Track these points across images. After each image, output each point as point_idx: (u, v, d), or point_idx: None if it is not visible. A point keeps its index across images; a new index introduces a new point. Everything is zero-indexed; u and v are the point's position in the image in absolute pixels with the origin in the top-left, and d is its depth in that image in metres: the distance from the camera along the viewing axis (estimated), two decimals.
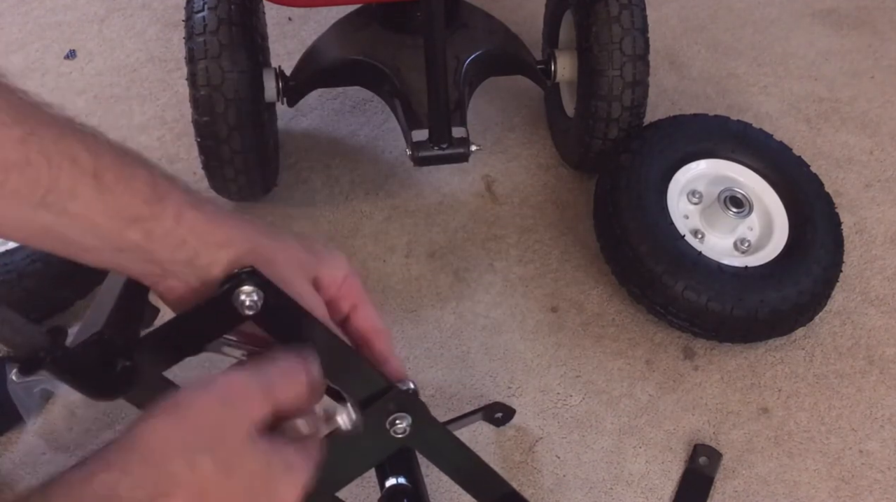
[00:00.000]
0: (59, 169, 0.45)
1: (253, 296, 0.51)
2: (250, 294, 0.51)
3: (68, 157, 0.45)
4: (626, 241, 1.20)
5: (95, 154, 0.46)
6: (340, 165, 1.48)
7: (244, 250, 0.51)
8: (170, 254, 0.49)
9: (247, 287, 0.51)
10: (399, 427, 0.61)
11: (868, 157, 1.51)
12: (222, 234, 0.51)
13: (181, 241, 0.49)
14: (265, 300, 0.51)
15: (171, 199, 0.49)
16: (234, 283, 0.51)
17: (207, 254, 0.50)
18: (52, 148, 0.44)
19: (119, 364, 0.52)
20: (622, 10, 1.27)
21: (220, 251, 0.51)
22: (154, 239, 0.48)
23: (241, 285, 0.51)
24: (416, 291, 1.30)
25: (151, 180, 0.48)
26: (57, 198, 0.45)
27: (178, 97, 1.58)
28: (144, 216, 0.48)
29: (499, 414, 1.12)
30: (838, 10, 1.82)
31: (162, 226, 0.48)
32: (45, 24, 1.74)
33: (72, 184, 0.45)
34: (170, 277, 0.51)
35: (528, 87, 1.49)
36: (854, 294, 1.30)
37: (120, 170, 0.47)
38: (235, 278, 0.51)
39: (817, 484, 1.10)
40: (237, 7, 1.22)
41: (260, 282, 0.51)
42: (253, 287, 0.51)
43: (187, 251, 0.50)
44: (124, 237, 0.47)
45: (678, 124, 1.33)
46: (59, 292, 1.19)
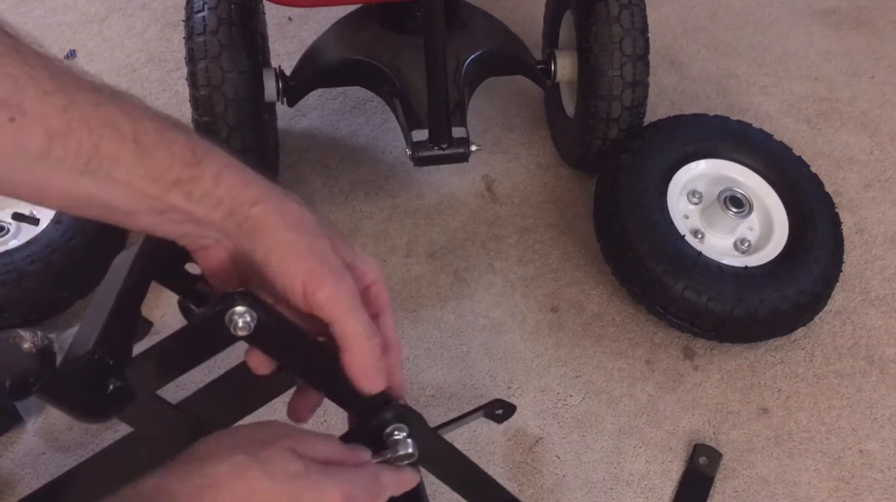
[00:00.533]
0: (101, 136, 0.45)
1: (245, 317, 0.50)
2: (243, 315, 0.50)
3: (109, 124, 0.46)
4: (626, 241, 1.20)
5: (135, 120, 0.47)
6: (340, 165, 1.48)
7: (276, 210, 0.52)
8: (207, 212, 0.50)
9: (239, 308, 0.50)
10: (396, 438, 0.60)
11: (868, 157, 1.51)
12: (255, 193, 0.51)
13: (218, 201, 0.50)
14: (259, 320, 0.51)
15: (210, 161, 0.50)
16: (227, 304, 0.50)
17: (242, 210, 0.51)
18: (92, 115, 0.45)
19: (111, 384, 0.52)
20: (622, 10, 1.27)
21: (255, 207, 0.51)
22: (193, 199, 0.49)
23: (233, 306, 0.50)
24: (416, 291, 1.30)
25: (190, 143, 0.49)
26: (99, 164, 0.46)
27: (178, 97, 1.58)
28: (184, 179, 0.48)
29: (499, 411, 1.12)
30: (838, 10, 1.82)
31: (201, 187, 0.49)
32: (45, 24, 1.75)
33: (113, 151, 0.46)
34: (206, 239, 0.52)
35: (528, 87, 1.49)
36: (854, 294, 1.30)
37: (160, 134, 0.48)
38: (228, 298, 0.50)
39: (817, 484, 1.10)
40: (237, 7, 1.22)
41: (252, 303, 0.51)
42: (245, 307, 0.50)
43: (223, 209, 0.50)
44: (165, 200, 0.48)
45: (678, 124, 1.33)
46: (59, 292, 1.19)
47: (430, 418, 1.13)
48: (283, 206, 0.52)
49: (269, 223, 0.51)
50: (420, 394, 1.18)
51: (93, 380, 0.51)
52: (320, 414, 1.07)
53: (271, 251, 0.51)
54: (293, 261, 0.51)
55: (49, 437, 1.10)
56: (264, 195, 0.52)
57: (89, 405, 0.51)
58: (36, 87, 0.43)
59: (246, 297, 0.51)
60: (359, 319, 0.53)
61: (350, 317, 0.53)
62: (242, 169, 0.52)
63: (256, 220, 0.51)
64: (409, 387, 1.19)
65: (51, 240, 1.18)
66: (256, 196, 0.51)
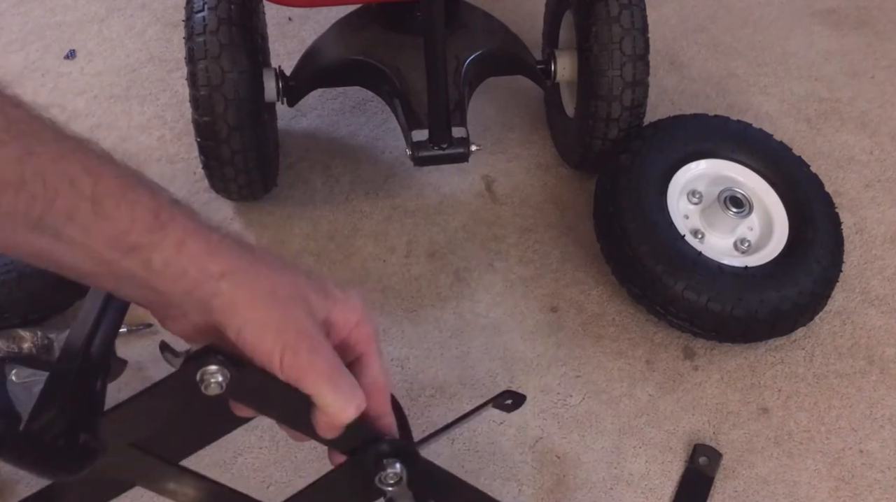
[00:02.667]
0: (56, 192, 0.42)
1: (217, 377, 0.49)
2: (215, 374, 0.49)
3: (66, 180, 0.43)
4: (626, 241, 1.20)
5: (96, 176, 0.44)
6: (340, 165, 1.48)
7: (245, 282, 0.49)
8: (170, 284, 0.47)
9: (211, 367, 0.48)
10: (390, 471, 0.58)
11: (868, 157, 1.51)
12: (223, 264, 0.48)
13: (182, 272, 0.47)
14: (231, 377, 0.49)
15: (174, 227, 0.47)
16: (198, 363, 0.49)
17: (208, 285, 0.48)
18: (49, 169, 0.42)
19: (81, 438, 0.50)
20: (622, 10, 1.27)
21: (222, 282, 0.48)
22: (153, 269, 0.46)
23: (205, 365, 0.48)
24: (416, 291, 1.30)
25: (155, 206, 0.46)
26: (53, 221, 0.43)
27: (178, 97, 1.58)
28: (143, 244, 0.46)
29: (509, 401, 1.12)
30: (838, 10, 1.82)
31: (161, 255, 0.46)
32: (45, 24, 1.74)
33: (69, 208, 0.43)
34: (172, 307, 0.49)
35: (528, 87, 1.49)
36: (854, 294, 1.30)
37: (122, 194, 0.45)
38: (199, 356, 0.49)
39: (817, 484, 1.10)
40: (237, 7, 1.22)
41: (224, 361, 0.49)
42: (218, 366, 0.49)
43: (187, 282, 0.47)
44: (122, 266, 0.46)
45: (678, 124, 1.33)
46: (58, 293, 1.19)
47: (431, 418, 1.13)
48: (254, 277, 0.49)
49: (238, 299, 0.48)
50: (420, 394, 1.18)
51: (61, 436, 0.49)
52: None
53: (243, 328, 0.48)
54: (267, 336, 0.49)
55: None
56: (232, 265, 0.48)
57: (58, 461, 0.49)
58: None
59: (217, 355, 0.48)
60: (336, 391, 0.51)
61: (327, 391, 0.51)
62: (208, 234, 0.48)
63: (224, 297, 0.48)
64: (409, 387, 1.19)
65: None
66: (223, 267, 0.48)
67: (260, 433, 1.11)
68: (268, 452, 1.10)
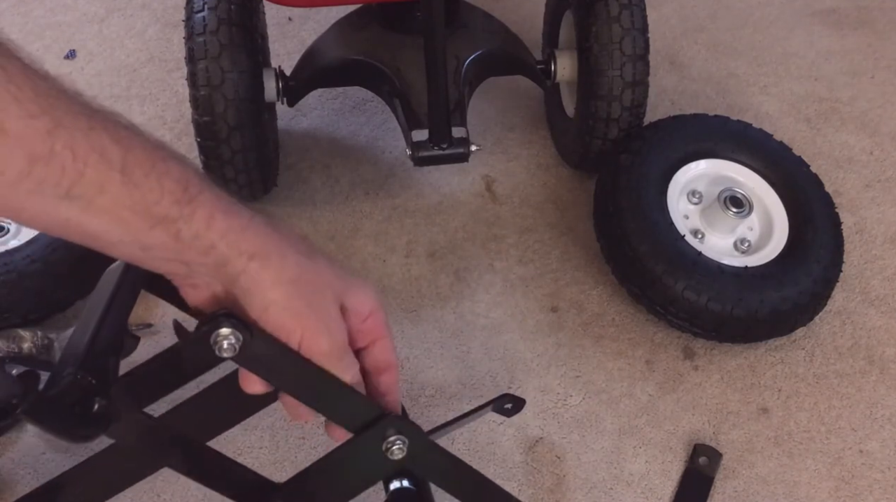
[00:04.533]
0: (86, 162, 0.43)
1: (231, 340, 0.50)
2: (228, 337, 0.50)
3: (96, 150, 0.44)
4: (626, 241, 1.20)
5: (126, 147, 0.45)
6: (340, 165, 1.48)
7: (273, 264, 0.50)
8: (198, 256, 0.48)
9: (224, 330, 0.50)
10: (395, 450, 0.60)
11: (868, 157, 1.51)
12: (254, 244, 0.49)
13: (210, 246, 0.48)
14: (244, 341, 0.50)
15: (203, 201, 0.47)
16: (212, 326, 0.50)
17: (238, 262, 0.49)
18: (79, 140, 0.43)
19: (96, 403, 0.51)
20: (622, 10, 1.27)
21: (252, 262, 0.49)
22: (182, 240, 0.47)
23: (218, 327, 0.50)
24: (416, 291, 1.30)
25: (184, 178, 0.47)
26: (83, 191, 0.43)
27: (178, 97, 1.58)
28: (173, 216, 0.46)
29: (509, 405, 1.12)
30: (838, 10, 1.82)
31: (191, 228, 0.47)
32: (45, 24, 1.74)
33: (99, 179, 0.44)
34: (195, 278, 0.50)
35: (528, 87, 1.49)
36: (854, 294, 1.30)
37: (151, 165, 0.46)
38: (213, 320, 0.50)
39: (817, 484, 1.10)
40: (237, 7, 1.22)
41: (237, 324, 0.50)
42: (231, 329, 0.50)
43: (216, 256, 0.48)
44: (151, 235, 0.46)
45: (678, 124, 1.33)
46: (59, 292, 1.19)
47: (431, 418, 1.13)
48: (282, 259, 0.51)
49: (265, 280, 0.50)
50: (420, 394, 1.18)
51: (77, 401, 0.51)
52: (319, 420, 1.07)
53: (268, 308, 0.50)
54: (290, 318, 0.51)
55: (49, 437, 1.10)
56: (262, 245, 0.50)
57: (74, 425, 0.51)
58: (19, 108, 0.41)
59: (231, 319, 0.50)
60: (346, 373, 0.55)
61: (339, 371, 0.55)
62: (239, 211, 0.50)
63: (252, 277, 0.49)
64: (409, 387, 1.19)
65: (51, 240, 1.18)
66: (254, 247, 0.49)
67: (260, 433, 1.11)
68: (268, 452, 1.10)
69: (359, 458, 0.61)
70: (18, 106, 0.41)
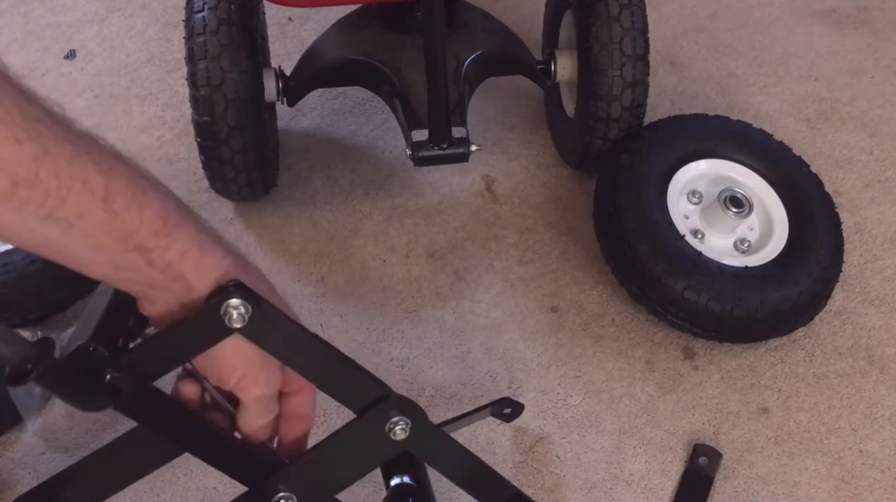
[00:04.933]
0: (69, 190, 0.44)
1: (240, 310, 0.51)
2: (238, 307, 0.51)
3: (79, 179, 0.45)
4: (626, 241, 1.20)
5: (108, 177, 0.46)
6: (340, 165, 1.48)
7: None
8: (166, 281, 0.50)
9: (234, 300, 0.51)
10: (398, 430, 0.61)
11: (868, 157, 1.51)
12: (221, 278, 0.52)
13: (180, 275, 0.50)
14: (252, 313, 0.52)
15: (180, 235, 0.49)
16: (222, 297, 0.51)
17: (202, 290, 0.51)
18: (63, 168, 0.44)
19: (107, 374, 0.52)
20: (622, 10, 1.27)
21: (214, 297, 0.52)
22: (154, 266, 0.49)
23: (228, 298, 0.51)
24: (416, 291, 1.30)
25: (164, 211, 0.49)
26: (65, 215, 0.45)
27: (178, 97, 1.58)
28: (150, 246, 0.48)
29: (507, 410, 1.12)
30: (838, 10, 1.82)
31: (164, 258, 0.49)
32: (45, 24, 1.74)
33: (80, 206, 0.45)
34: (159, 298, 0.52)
35: (528, 87, 1.49)
36: (854, 294, 1.30)
37: (132, 196, 0.47)
38: (223, 291, 0.51)
39: (817, 484, 1.10)
40: (237, 7, 1.22)
41: (248, 296, 0.51)
42: (241, 300, 0.51)
43: (184, 283, 0.51)
44: (126, 259, 0.48)
45: (678, 124, 1.33)
46: (59, 292, 1.19)
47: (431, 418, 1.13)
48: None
49: None
50: (420, 394, 1.18)
51: (90, 370, 0.52)
52: (320, 413, 1.07)
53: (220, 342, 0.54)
54: (237, 358, 0.54)
55: (49, 437, 1.10)
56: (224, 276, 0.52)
57: (86, 393, 0.52)
58: (7, 133, 0.42)
59: (240, 289, 0.51)
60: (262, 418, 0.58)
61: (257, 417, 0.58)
62: (212, 246, 0.52)
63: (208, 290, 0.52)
64: (409, 387, 1.19)
65: None
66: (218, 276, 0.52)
67: None
68: None
69: (361, 438, 0.62)
70: (6, 130, 0.42)
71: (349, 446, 0.62)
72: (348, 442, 0.62)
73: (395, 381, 1.19)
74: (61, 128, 0.45)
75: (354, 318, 1.26)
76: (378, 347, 1.23)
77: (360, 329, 1.25)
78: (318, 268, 1.33)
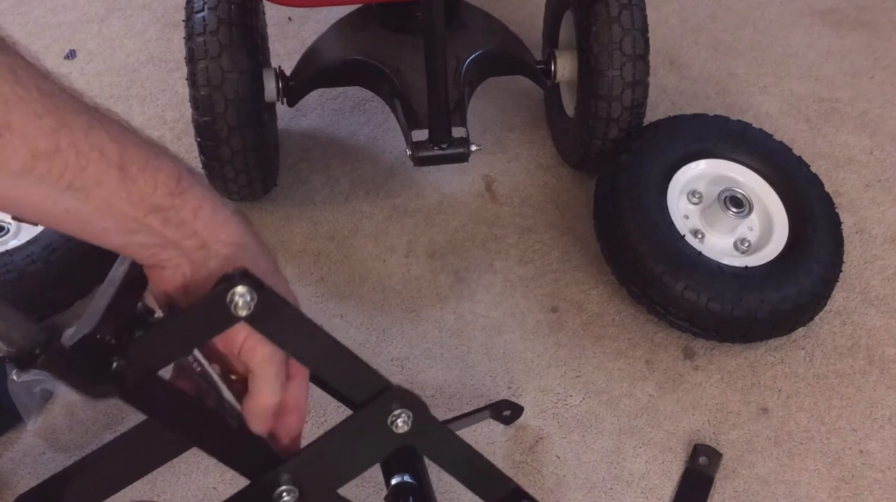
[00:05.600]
0: (87, 159, 0.46)
1: (246, 298, 0.51)
2: (244, 295, 0.51)
3: (96, 148, 0.47)
4: (626, 241, 1.20)
5: (122, 145, 0.49)
6: (340, 165, 1.48)
7: (246, 255, 0.54)
8: (180, 239, 0.51)
9: (240, 288, 0.51)
10: (400, 422, 0.61)
11: (868, 157, 1.51)
12: (233, 236, 0.53)
13: (193, 232, 0.52)
14: (258, 302, 0.52)
15: (192, 194, 0.51)
16: (228, 284, 0.51)
17: (215, 247, 0.53)
18: (81, 138, 0.46)
19: (113, 362, 0.53)
20: (622, 10, 1.27)
21: (226, 249, 0.53)
22: (169, 225, 0.51)
23: (234, 286, 0.51)
24: (416, 291, 1.30)
25: (176, 173, 0.51)
26: (83, 184, 0.47)
27: (178, 97, 1.58)
28: (165, 206, 0.50)
29: (507, 412, 1.12)
30: (838, 10, 1.82)
31: (179, 216, 0.51)
32: (45, 24, 1.74)
33: (98, 174, 0.47)
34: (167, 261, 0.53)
35: (528, 87, 1.49)
36: (854, 294, 1.30)
37: (146, 161, 0.49)
38: (229, 279, 0.51)
39: (817, 484, 1.10)
40: (237, 7, 1.22)
41: (253, 284, 0.51)
42: (246, 288, 0.51)
43: (197, 240, 0.52)
44: (143, 221, 0.50)
45: (678, 124, 1.33)
46: (59, 292, 1.19)
47: None
48: (255, 257, 0.54)
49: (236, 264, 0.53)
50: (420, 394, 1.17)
51: (96, 357, 0.52)
52: (320, 413, 1.07)
53: None
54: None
55: (49, 437, 1.10)
56: (239, 239, 0.54)
57: (92, 381, 0.52)
58: (26, 108, 0.44)
59: (246, 278, 0.51)
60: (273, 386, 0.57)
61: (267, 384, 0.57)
62: (223, 206, 0.53)
63: (222, 262, 0.53)
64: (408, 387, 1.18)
65: (51, 240, 1.18)
66: (231, 238, 0.53)
67: None
68: None
69: (363, 431, 0.62)
70: (25, 106, 0.44)
71: (351, 439, 0.62)
72: (350, 434, 0.62)
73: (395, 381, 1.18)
74: (75, 101, 0.48)
75: (354, 318, 1.26)
76: (378, 347, 1.23)
77: (360, 329, 1.25)
78: (318, 268, 1.33)
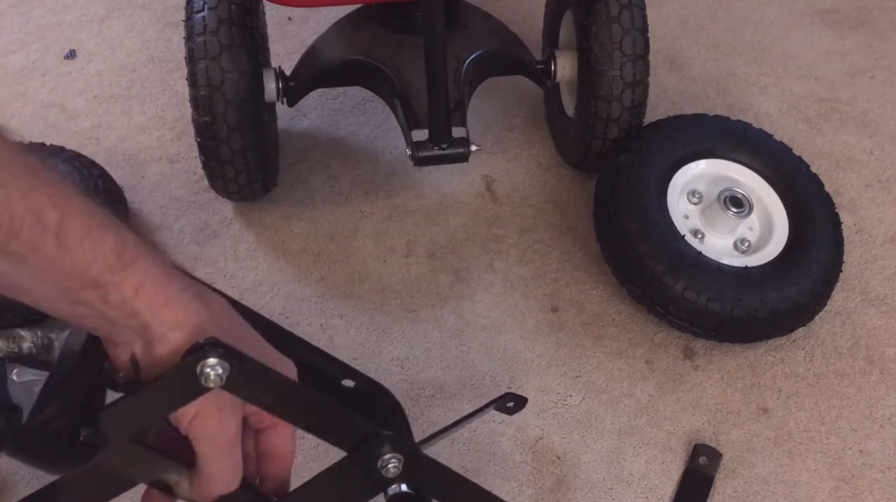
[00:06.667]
0: (22, 223, 0.44)
1: (217, 370, 0.49)
2: (215, 367, 0.49)
3: (33, 212, 0.44)
4: (626, 241, 1.20)
5: (63, 211, 0.45)
6: (340, 165, 1.48)
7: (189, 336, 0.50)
8: (122, 318, 0.49)
9: (211, 359, 0.49)
10: (391, 467, 0.60)
11: (868, 157, 1.51)
12: (178, 316, 0.50)
13: (134, 312, 0.49)
14: (231, 371, 0.50)
15: (135, 269, 0.48)
16: (197, 356, 0.49)
17: (157, 329, 0.50)
18: (17, 201, 0.43)
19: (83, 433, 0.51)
20: (622, 10, 1.27)
21: (170, 331, 0.50)
22: (109, 303, 0.48)
23: (204, 357, 0.49)
24: (416, 291, 1.30)
25: (119, 246, 0.48)
26: (17, 248, 0.44)
27: (178, 97, 1.58)
28: (104, 282, 0.47)
29: (510, 404, 1.12)
30: (838, 10, 1.82)
31: (119, 293, 0.48)
32: (45, 24, 1.74)
33: (33, 240, 0.44)
34: (119, 337, 0.51)
35: (528, 87, 1.49)
36: (854, 294, 1.30)
37: (86, 231, 0.46)
38: (198, 349, 0.49)
39: (817, 484, 1.10)
40: (237, 7, 1.22)
41: (224, 354, 0.49)
42: (217, 359, 0.49)
43: (138, 320, 0.49)
44: (80, 295, 0.47)
45: (678, 124, 1.33)
46: None
47: (431, 418, 1.13)
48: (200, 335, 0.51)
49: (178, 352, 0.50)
50: (420, 394, 1.18)
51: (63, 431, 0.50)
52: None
53: None
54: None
55: None
56: (185, 318, 0.50)
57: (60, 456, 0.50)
58: None
59: (217, 348, 0.49)
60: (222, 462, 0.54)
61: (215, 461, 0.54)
62: (168, 281, 0.50)
63: (166, 347, 0.50)
64: (409, 387, 1.19)
65: None
66: (175, 319, 0.50)
67: None
68: None
69: (353, 477, 0.61)
70: None
71: (341, 484, 0.61)
72: (340, 479, 0.61)
73: (395, 381, 1.19)
74: (17, 159, 0.45)
75: (354, 318, 1.26)
76: (378, 347, 1.23)
77: (361, 329, 1.25)
78: (318, 268, 1.33)
